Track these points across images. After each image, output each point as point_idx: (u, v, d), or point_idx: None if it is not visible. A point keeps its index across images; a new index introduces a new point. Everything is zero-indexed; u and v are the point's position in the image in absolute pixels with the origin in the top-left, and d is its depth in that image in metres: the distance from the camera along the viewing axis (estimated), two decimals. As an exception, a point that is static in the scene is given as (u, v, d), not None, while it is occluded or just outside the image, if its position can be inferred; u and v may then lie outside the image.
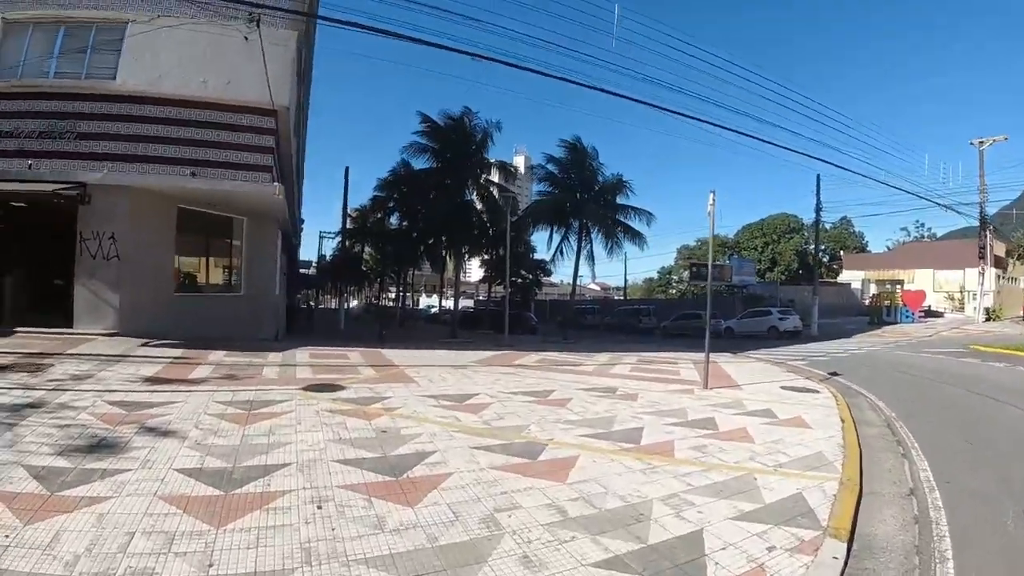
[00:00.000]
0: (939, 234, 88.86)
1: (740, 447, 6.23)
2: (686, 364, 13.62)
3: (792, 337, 29.29)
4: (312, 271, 67.62)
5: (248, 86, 12.71)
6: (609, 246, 26.01)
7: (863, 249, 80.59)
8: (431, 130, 23.91)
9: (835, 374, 13.49)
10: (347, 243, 45.22)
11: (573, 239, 26.29)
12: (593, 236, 26.19)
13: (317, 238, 69.96)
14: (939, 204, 32.16)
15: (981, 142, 38.04)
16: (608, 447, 5.89)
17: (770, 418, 7.86)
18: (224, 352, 11.02)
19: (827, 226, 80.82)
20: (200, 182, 12.39)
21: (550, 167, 26.33)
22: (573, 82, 11.96)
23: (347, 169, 30.98)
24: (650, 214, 25.78)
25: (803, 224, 79.82)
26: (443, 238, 27.67)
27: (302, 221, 71.71)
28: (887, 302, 39.48)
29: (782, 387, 10.87)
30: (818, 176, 32.25)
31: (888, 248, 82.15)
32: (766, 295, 41.27)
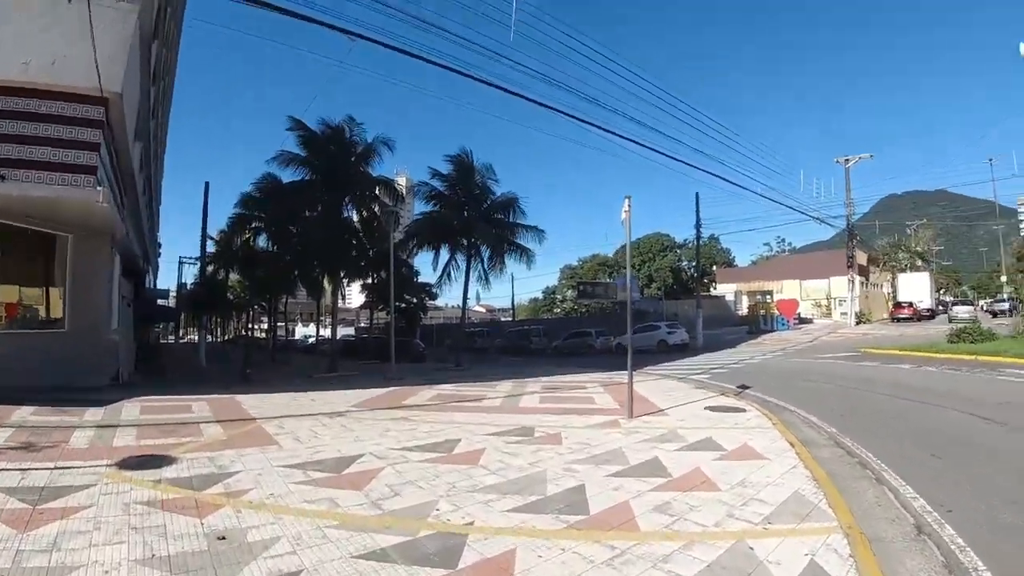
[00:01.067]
0: (798, 247, 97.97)
1: (708, 499, 4.93)
2: (595, 387, 12.51)
3: (680, 350, 29.59)
4: (171, 302, 61.03)
5: (76, 69, 10.01)
6: (493, 263, 24.63)
7: (731, 264, 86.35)
8: (305, 139, 21.35)
9: (745, 387, 12.96)
10: (208, 269, 40.71)
11: (462, 259, 24.63)
12: (484, 256, 24.74)
13: (177, 265, 63.10)
14: (811, 216, 34.38)
15: (847, 160, 41.38)
16: (551, 526, 4.29)
17: (717, 451, 6.72)
18: (31, 409, 8.25)
19: (687, 243, 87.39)
20: (11, 186, 9.47)
21: (435, 183, 24.57)
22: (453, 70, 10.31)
23: (207, 184, 27.40)
24: (541, 232, 24.81)
25: (675, 242, 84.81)
26: (316, 262, 24.98)
27: (159, 245, 65.10)
28: (763, 312, 41.63)
29: (707, 407, 9.97)
30: (697, 194, 33.38)
31: (754, 262, 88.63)
32: (650, 310, 42.11)
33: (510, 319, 78.61)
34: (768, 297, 56.35)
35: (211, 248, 42.15)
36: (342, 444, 6.96)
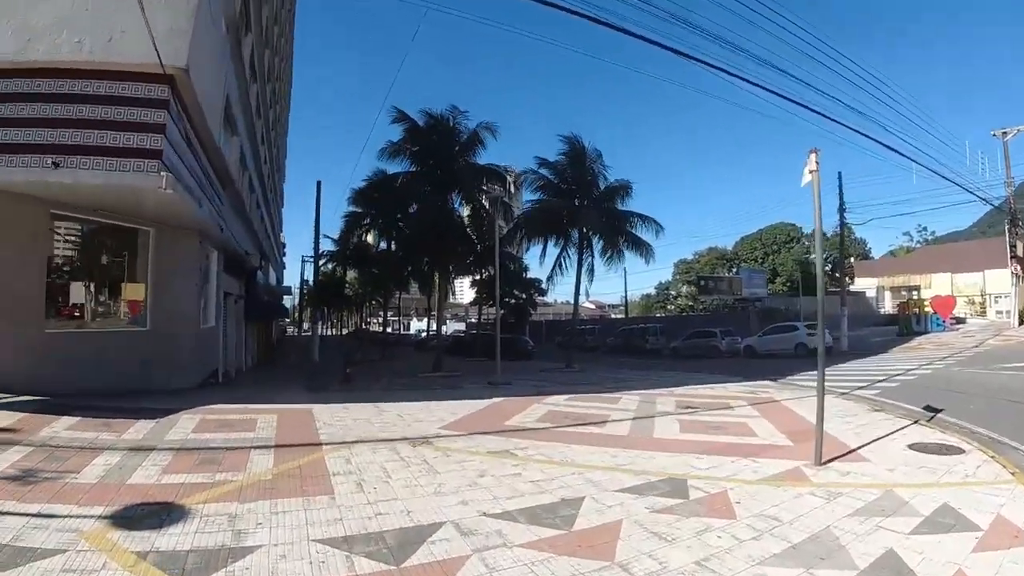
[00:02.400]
0: (939, 235, 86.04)
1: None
2: (742, 406, 10.06)
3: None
4: (292, 298, 64.14)
5: (135, 45, 9.16)
6: (609, 256, 22.35)
7: (866, 256, 77.50)
8: (409, 130, 20.42)
9: (934, 410, 9.94)
10: (321, 266, 41.84)
11: (572, 252, 22.67)
12: (595, 248, 22.65)
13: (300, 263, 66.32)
14: (977, 196, 28.87)
15: (1004, 132, 35.13)
16: None
17: (970, 531, 4.29)
18: (73, 420, 7.36)
19: (826, 233, 78.99)
20: (64, 174, 8.78)
21: (544, 172, 22.81)
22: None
23: (319, 183, 27.37)
24: (657, 223, 22.25)
25: (802, 233, 77.31)
26: (425, 258, 24.07)
27: (283, 245, 68.76)
28: (915, 310, 36.14)
29: (908, 446, 7.28)
30: (839, 174, 29.05)
31: (892, 253, 78.95)
32: (781, 308, 37.92)
33: (621, 316, 75.61)
34: (916, 293, 49.42)
35: (330, 246, 43.48)
36: (416, 500, 5.01)
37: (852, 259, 73.39)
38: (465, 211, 25.25)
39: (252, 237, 23.94)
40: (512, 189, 22.10)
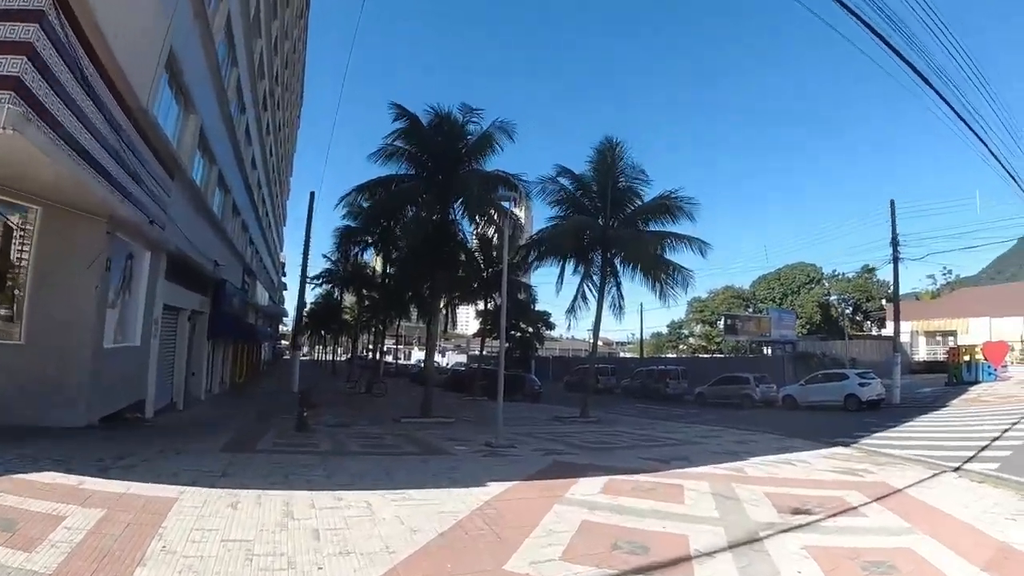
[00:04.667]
0: (963, 276, 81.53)
1: None
2: (866, 504, 6.60)
3: (871, 408, 22.27)
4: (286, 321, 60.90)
5: None
6: (659, 289, 18.33)
7: (889, 300, 73.36)
8: (408, 128, 17.33)
9: None
10: (316, 287, 38.98)
11: (595, 279, 19.14)
12: (621, 275, 19.11)
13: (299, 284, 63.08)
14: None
15: None
16: None
17: None
18: None
19: (848, 275, 75.24)
20: None
21: (564, 182, 19.53)
22: None
23: (312, 194, 24.53)
24: (703, 243, 18.62)
25: (822, 274, 73.81)
26: (425, 283, 20.67)
27: (283, 264, 65.87)
28: (966, 357, 32.41)
29: None
30: (892, 202, 25.67)
31: (917, 297, 74.73)
32: (816, 352, 34.30)
33: (631, 355, 71.61)
34: (953, 339, 45.50)
35: (328, 266, 40.46)
36: None
37: (869, 301, 69.70)
38: (472, 231, 22.08)
39: (227, 247, 20.85)
40: (522, 203, 18.65)
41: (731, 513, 5.79)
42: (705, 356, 61.64)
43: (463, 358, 56.74)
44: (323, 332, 66.07)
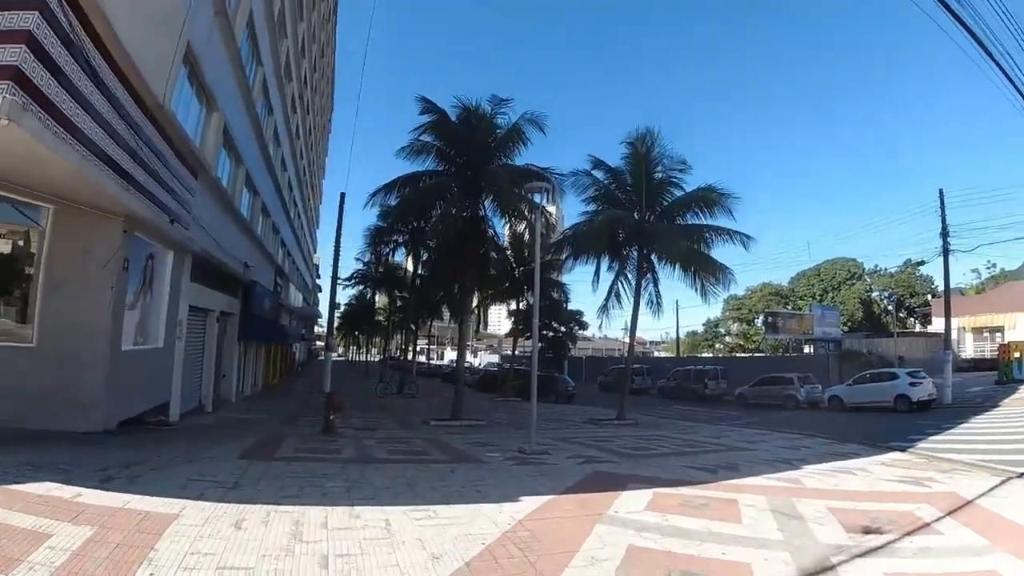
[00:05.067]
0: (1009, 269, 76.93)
1: None
2: (940, 519, 5.79)
3: (922, 409, 21.00)
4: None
5: None
6: (699, 286, 17.21)
7: (934, 295, 70.07)
8: (436, 123, 16.86)
9: None
10: (347, 287, 39.00)
11: (631, 276, 18.27)
12: (659, 271, 18.21)
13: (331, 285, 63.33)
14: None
15: None
16: None
17: None
18: None
19: (891, 270, 72.17)
20: None
21: (598, 175, 18.38)
22: None
23: (342, 195, 24.06)
24: (746, 236, 16.98)
25: (864, 269, 71.11)
26: (455, 283, 20.16)
27: (316, 267, 66.44)
28: (1017, 354, 30.52)
29: None
30: (941, 191, 24.07)
31: (962, 292, 71.14)
32: (863, 351, 32.74)
33: (665, 355, 70.00)
34: (1000, 335, 42.94)
35: (360, 267, 40.45)
36: None
37: (913, 296, 66.77)
38: (503, 230, 21.54)
39: (257, 249, 20.78)
40: (555, 198, 17.84)
41: (796, 535, 5.07)
42: (743, 355, 59.92)
43: (495, 358, 56.23)
44: (357, 333, 66.42)
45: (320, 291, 66.26)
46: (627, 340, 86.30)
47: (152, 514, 4.70)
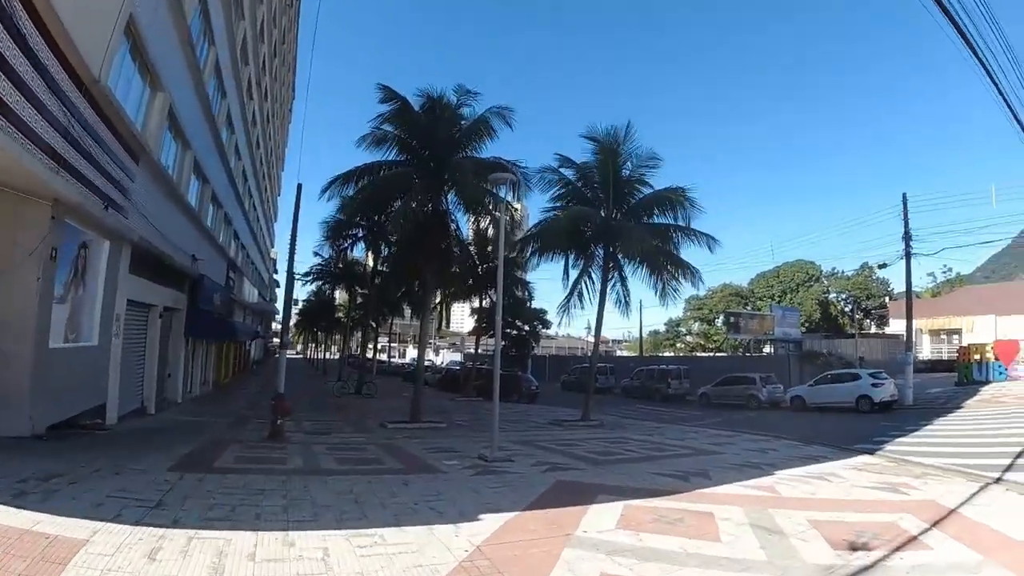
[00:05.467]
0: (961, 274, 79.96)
1: None
2: (927, 531, 5.52)
3: (883, 410, 21.38)
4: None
5: None
6: (660, 287, 17.01)
7: (890, 297, 72.29)
8: (397, 112, 16.17)
9: None
10: (305, 284, 37.75)
11: (596, 275, 17.99)
12: (626, 270, 17.98)
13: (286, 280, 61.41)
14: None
15: None
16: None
17: None
18: None
19: (848, 273, 74.16)
20: None
21: (566, 173, 18.03)
22: None
23: (299, 186, 23.04)
24: (711, 238, 16.92)
25: (821, 272, 72.97)
26: (416, 279, 19.45)
27: (273, 261, 64.53)
28: (977, 356, 31.52)
29: None
30: (904, 195, 24.50)
31: (917, 295, 73.61)
32: (823, 351, 33.29)
33: (626, 353, 70.34)
34: (958, 338, 44.51)
35: (319, 262, 39.19)
36: None
37: (886, 299, 68.69)
38: (467, 225, 21.07)
39: (207, 241, 19.73)
40: (519, 191, 17.28)
41: (781, 554, 4.72)
42: (704, 355, 60.66)
43: (458, 356, 55.47)
44: (316, 330, 64.75)
45: (278, 286, 64.33)
46: (590, 339, 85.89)
47: (60, 539, 4.06)
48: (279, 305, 56.07)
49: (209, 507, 5.36)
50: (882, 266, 32.10)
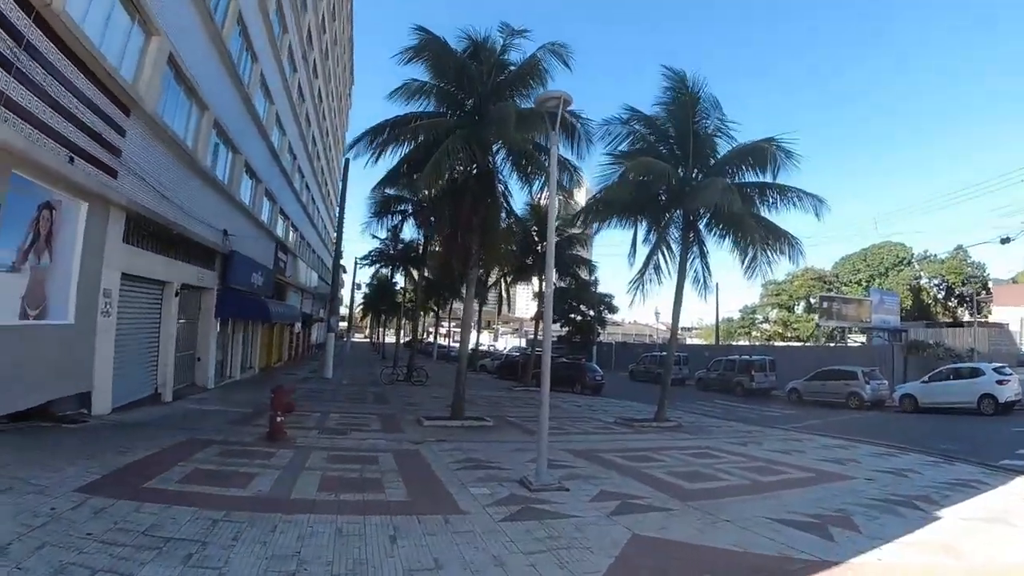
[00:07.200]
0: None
1: None
2: None
3: (1005, 412, 17.88)
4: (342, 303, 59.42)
5: None
6: (750, 261, 13.92)
7: (984, 284, 64.38)
8: (434, 58, 13.86)
9: None
10: (368, 267, 36.69)
11: (672, 247, 15.17)
12: (706, 239, 15.14)
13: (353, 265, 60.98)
14: None
15: None
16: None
17: None
18: None
19: (940, 257, 66.59)
20: None
21: (637, 126, 15.00)
22: None
23: (347, 162, 21.64)
24: (818, 199, 13.53)
25: (913, 254, 65.96)
26: (459, 243, 16.80)
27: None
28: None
29: None
30: None
31: (1014, 280, 65.07)
32: (930, 342, 29.05)
33: (702, 343, 65.86)
34: None
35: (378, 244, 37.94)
36: None
37: (965, 284, 61.43)
38: (521, 192, 18.60)
39: (246, 219, 18.36)
40: (582, 149, 14.58)
41: None
42: (783, 344, 55.94)
43: (522, 342, 53.28)
44: (381, 314, 64.23)
45: (345, 271, 64.19)
46: (659, 326, 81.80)
47: None
48: (345, 292, 56.00)
49: (58, 570, 3.36)
50: (1005, 240, 27.70)
